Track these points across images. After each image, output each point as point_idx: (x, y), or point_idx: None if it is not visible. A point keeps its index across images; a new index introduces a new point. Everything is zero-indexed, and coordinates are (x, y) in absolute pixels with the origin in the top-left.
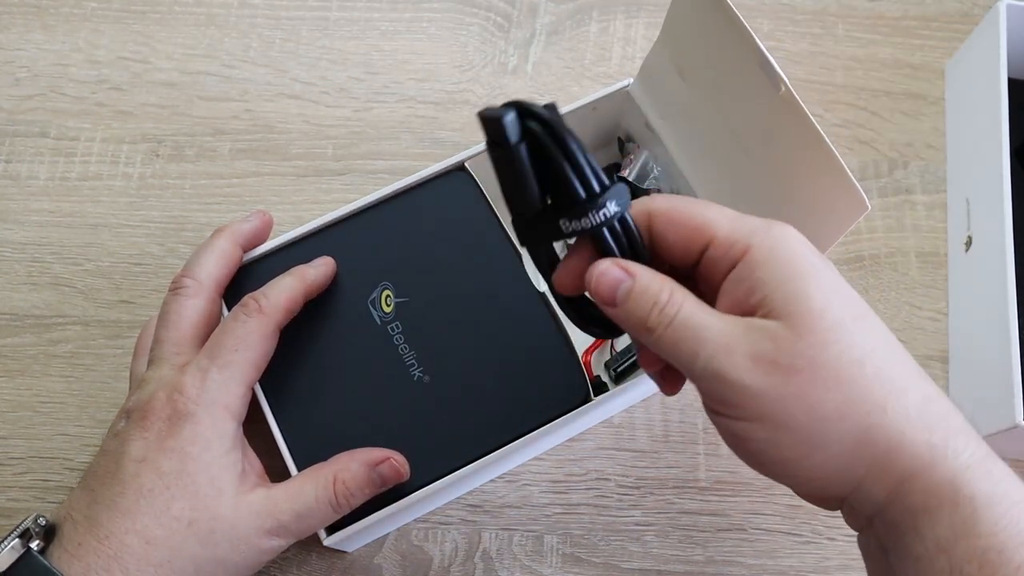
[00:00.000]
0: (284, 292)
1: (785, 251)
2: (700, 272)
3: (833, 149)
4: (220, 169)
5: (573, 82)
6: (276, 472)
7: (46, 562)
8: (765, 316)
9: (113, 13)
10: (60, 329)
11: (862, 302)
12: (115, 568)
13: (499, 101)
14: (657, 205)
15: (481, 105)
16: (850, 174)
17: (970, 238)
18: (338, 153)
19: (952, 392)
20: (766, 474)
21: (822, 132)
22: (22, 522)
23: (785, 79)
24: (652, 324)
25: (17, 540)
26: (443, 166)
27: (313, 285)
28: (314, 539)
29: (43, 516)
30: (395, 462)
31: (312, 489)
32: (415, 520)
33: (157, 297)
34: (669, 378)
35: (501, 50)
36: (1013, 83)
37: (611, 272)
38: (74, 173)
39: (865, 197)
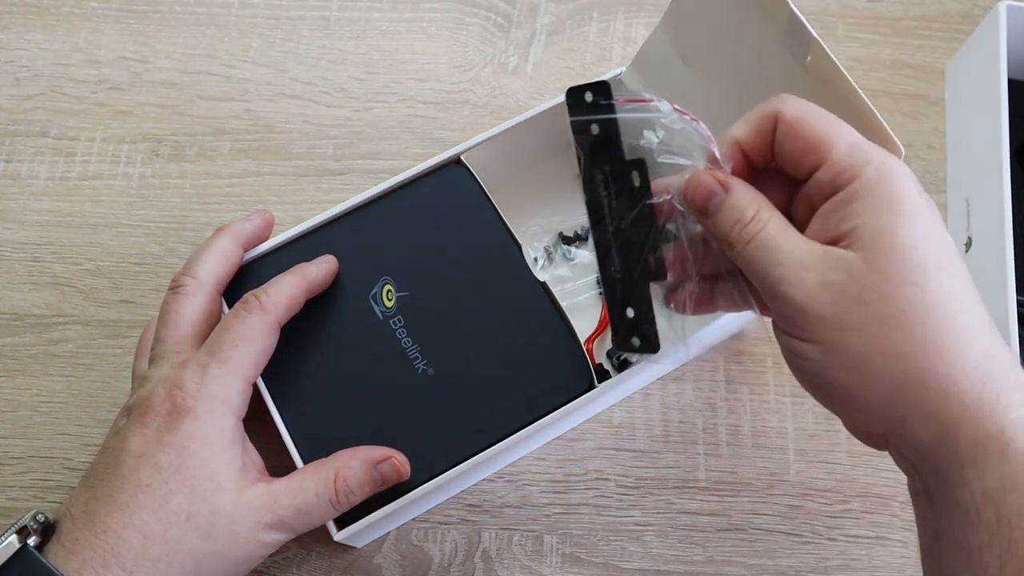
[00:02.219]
0: (285, 290)
1: (890, 187)
2: (805, 189)
3: (869, 103)
4: (220, 169)
5: (573, 82)
6: (281, 471)
7: (42, 558)
8: (849, 247)
9: (113, 13)
10: (60, 329)
11: (954, 251)
12: (112, 563)
13: (499, 101)
14: (787, 110)
15: (481, 105)
16: (886, 125)
17: (970, 239)
18: (338, 153)
19: None
20: (816, 395)
21: (859, 89)
22: (19, 519)
23: (818, 39)
24: (733, 239)
25: (14, 536)
26: (440, 160)
27: (315, 283)
28: (314, 538)
29: (42, 513)
30: (396, 461)
31: (313, 485)
32: (415, 520)
33: (157, 297)
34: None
35: (501, 50)
36: (1013, 84)
37: (707, 183)
38: (74, 173)
39: (902, 147)
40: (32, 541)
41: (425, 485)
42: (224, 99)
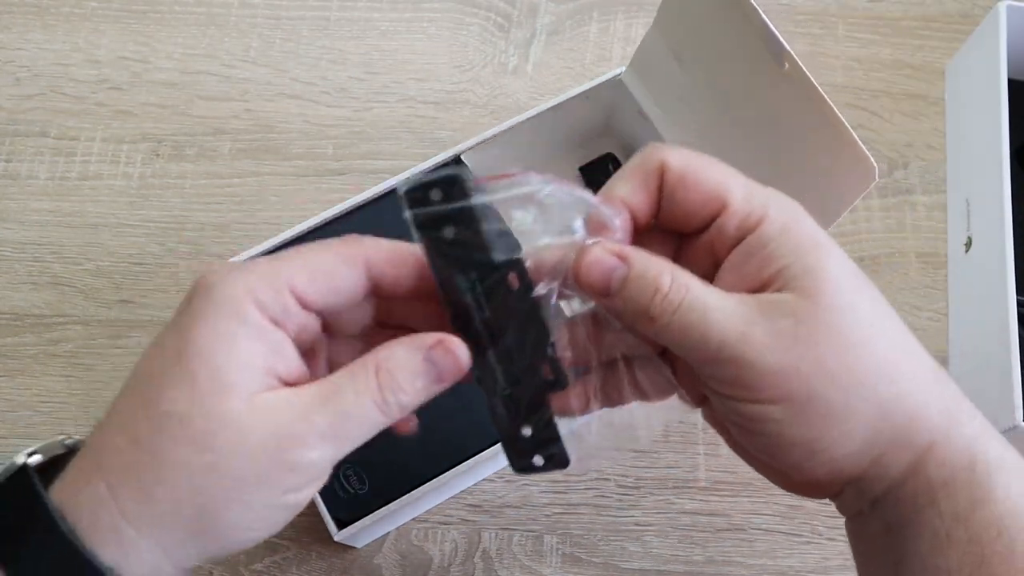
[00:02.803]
0: (387, 243)
1: (801, 224)
2: (701, 241)
3: (841, 117)
4: (220, 169)
5: (573, 82)
6: None
7: (33, 476)
8: (781, 289)
9: (113, 13)
10: (60, 329)
11: (871, 283)
12: (95, 475)
13: (499, 101)
14: (673, 160)
15: (481, 105)
16: (859, 141)
17: (970, 239)
18: (338, 153)
19: None
20: (776, 463)
21: (830, 102)
22: (45, 443)
23: (791, 52)
24: (655, 312)
25: (24, 455)
26: (440, 159)
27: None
28: (315, 538)
29: (73, 437)
30: (451, 345)
31: (350, 383)
32: (415, 520)
33: (157, 297)
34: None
35: (501, 50)
36: (1013, 84)
37: (602, 260)
38: (74, 173)
39: (874, 163)
40: (36, 459)
41: (425, 485)
42: (224, 99)
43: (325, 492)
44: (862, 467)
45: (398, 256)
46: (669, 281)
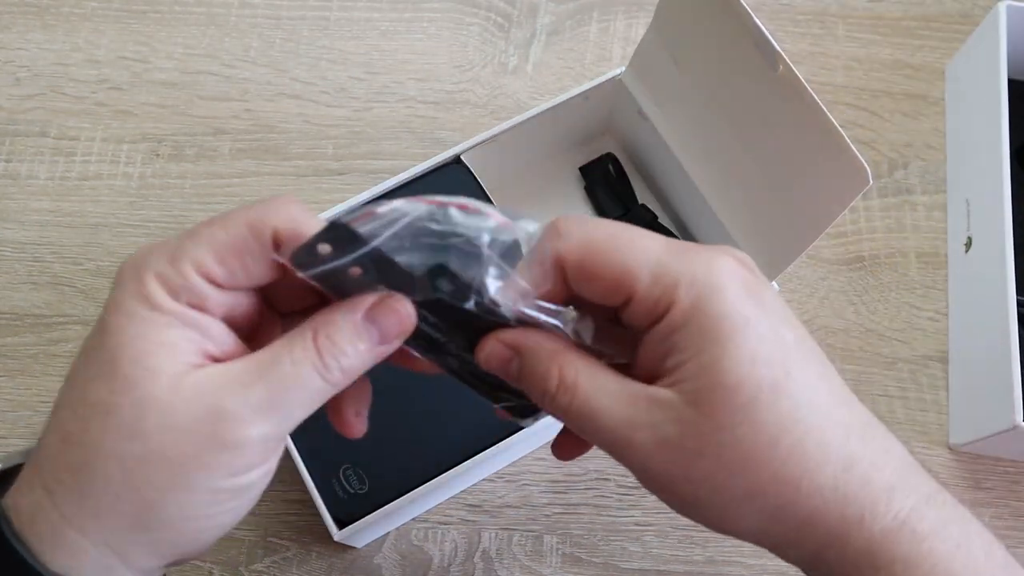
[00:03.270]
0: (295, 209)
1: (710, 308)
2: (623, 320)
3: (835, 122)
4: (220, 169)
5: (573, 82)
6: (280, 473)
7: None
8: (673, 386)
9: (113, 13)
10: (60, 329)
11: (797, 348)
12: (35, 480)
13: (499, 101)
14: (566, 251)
15: (481, 105)
16: (852, 147)
17: (970, 239)
18: (338, 153)
19: (952, 392)
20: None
21: (823, 106)
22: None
23: (783, 55)
24: (550, 408)
25: None
26: (440, 160)
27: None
28: (315, 538)
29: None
30: (392, 302)
31: (287, 351)
32: (415, 520)
33: None
34: (565, 444)
35: (501, 50)
36: (1013, 84)
37: (496, 352)
38: (74, 173)
39: (868, 168)
40: None
41: (425, 485)
42: (224, 99)
43: (325, 492)
44: (768, 549)
45: (305, 224)
46: (555, 382)
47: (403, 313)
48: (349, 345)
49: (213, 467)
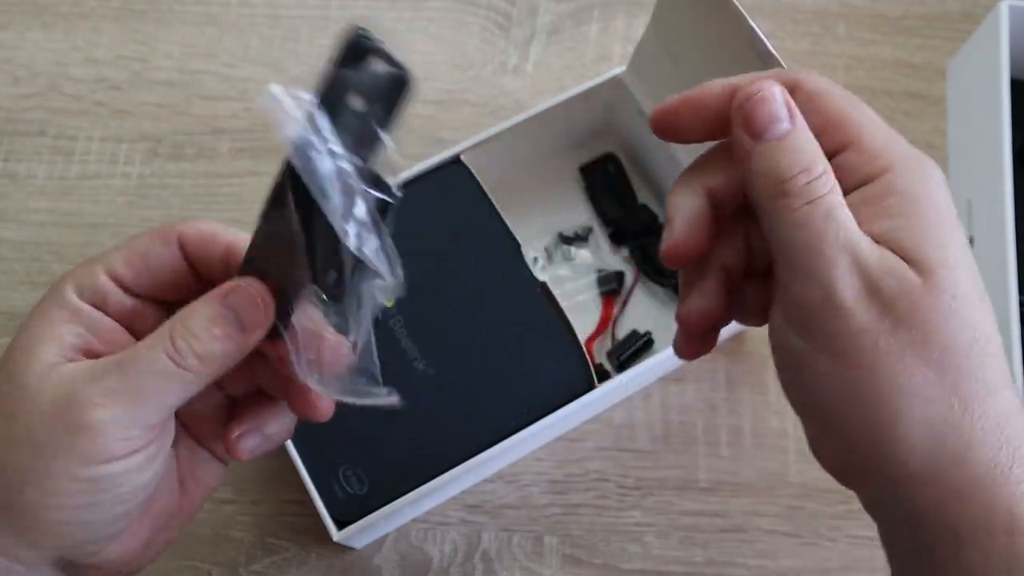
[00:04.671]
0: (205, 223)
1: (930, 188)
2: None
3: None
4: (219, 168)
5: (574, 82)
6: (281, 472)
7: None
8: (890, 248)
9: (112, 12)
10: None
11: (980, 279)
12: None
13: (499, 101)
14: (808, 82)
15: (481, 105)
16: None
17: (971, 239)
18: None
19: None
20: (802, 410)
21: None
22: None
23: (778, 58)
24: (792, 191)
25: None
26: (440, 159)
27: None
28: (314, 539)
29: None
30: (251, 289)
31: (146, 341)
32: (414, 520)
33: None
34: (701, 336)
35: (501, 49)
36: (1015, 84)
37: (774, 99)
38: (73, 172)
39: None
40: None
41: (425, 485)
42: (223, 98)
43: (324, 493)
44: (882, 478)
45: (208, 233)
46: (822, 169)
47: (258, 297)
48: (203, 330)
49: (67, 450)
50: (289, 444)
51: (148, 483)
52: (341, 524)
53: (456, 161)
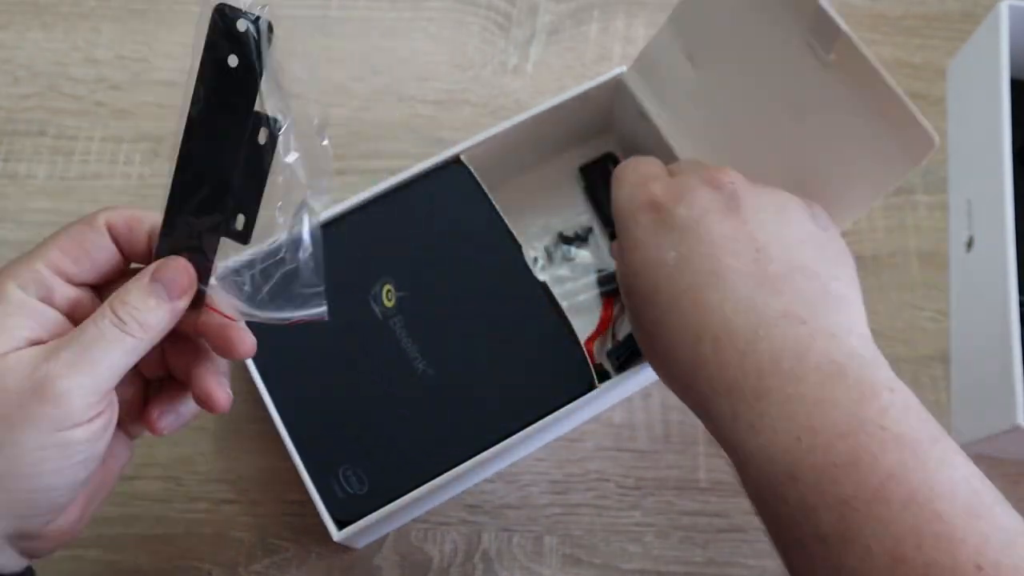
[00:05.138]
0: (127, 208)
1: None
2: None
3: (900, 92)
4: None
5: (574, 82)
6: (282, 471)
7: None
8: None
9: (112, 12)
10: None
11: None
12: None
13: (499, 101)
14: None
15: (481, 105)
16: (918, 112)
17: (971, 238)
18: (338, 153)
19: (952, 392)
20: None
21: (887, 76)
22: None
23: (847, 31)
24: None
25: None
26: (440, 159)
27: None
28: (314, 539)
29: None
30: (175, 263)
31: (91, 318)
32: (415, 520)
33: None
34: None
35: (501, 49)
36: (1015, 84)
37: None
38: (73, 172)
39: (934, 133)
40: None
41: (425, 485)
42: None
43: (324, 493)
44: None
45: (134, 218)
46: None
47: (183, 269)
48: (141, 301)
49: (38, 418)
50: (289, 444)
51: (100, 452)
52: (341, 524)
53: (456, 161)
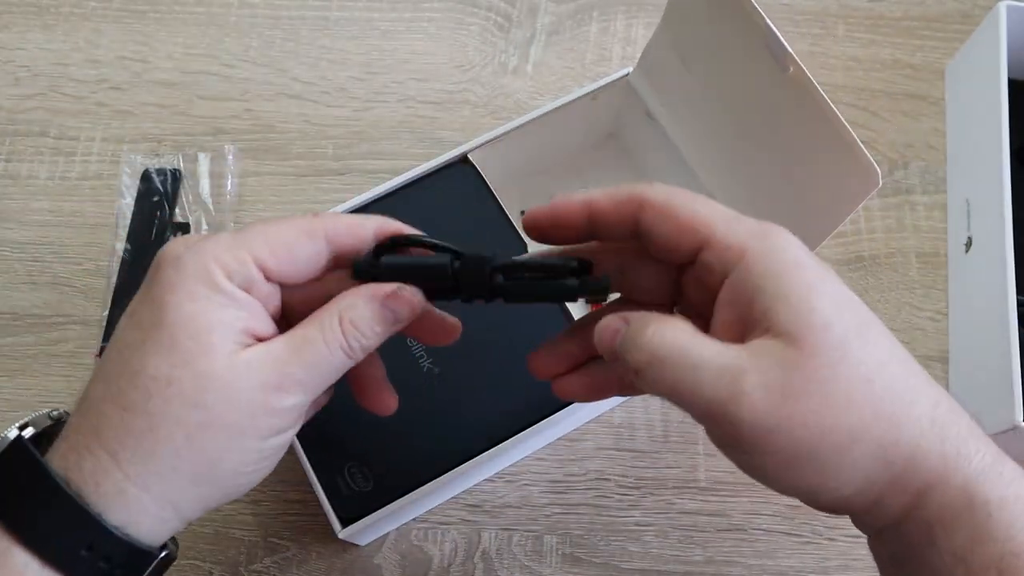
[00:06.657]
0: (348, 216)
1: (784, 256)
2: (693, 279)
3: (844, 122)
4: (220, 169)
5: (573, 82)
6: (282, 471)
7: (28, 446)
8: (767, 332)
9: (113, 13)
10: (60, 329)
11: (866, 309)
12: (93, 443)
13: (499, 101)
14: (653, 195)
15: (481, 105)
16: (862, 147)
17: (970, 239)
18: (338, 153)
19: (952, 392)
20: (782, 492)
21: (833, 107)
22: (31, 416)
23: (794, 56)
24: (646, 370)
25: (15, 429)
26: (446, 159)
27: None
28: (315, 538)
29: (58, 409)
30: (406, 293)
31: (319, 334)
32: (415, 520)
33: None
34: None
35: (501, 50)
36: (1013, 84)
37: (610, 326)
38: (74, 172)
39: (878, 169)
40: (28, 432)
41: (431, 483)
42: (224, 99)
43: (329, 489)
44: (863, 506)
45: (357, 229)
46: (652, 330)
47: (413, 300)
48: (369, 329)
49: (263, 430)
50: (295, 441)
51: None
52: (345, 522)
53: (463, 160)
